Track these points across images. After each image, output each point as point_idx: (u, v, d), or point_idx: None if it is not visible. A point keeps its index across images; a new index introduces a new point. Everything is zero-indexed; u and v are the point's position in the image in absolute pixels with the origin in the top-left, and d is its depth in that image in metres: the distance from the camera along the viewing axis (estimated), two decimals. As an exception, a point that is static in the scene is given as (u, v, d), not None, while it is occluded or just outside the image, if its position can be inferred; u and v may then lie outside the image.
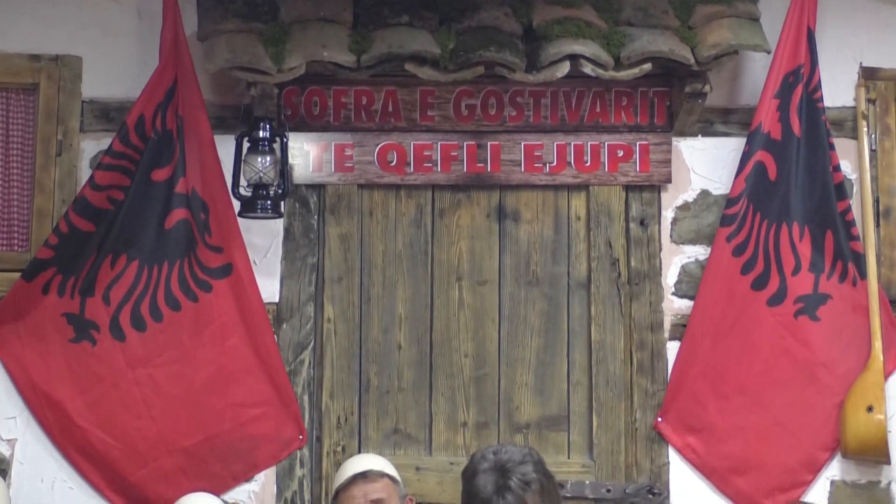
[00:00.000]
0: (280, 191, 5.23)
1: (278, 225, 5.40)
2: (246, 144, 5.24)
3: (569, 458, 5.38)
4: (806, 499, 5.29)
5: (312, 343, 5.37)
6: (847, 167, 5.43)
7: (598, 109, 5.44)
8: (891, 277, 5.41)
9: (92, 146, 5.42)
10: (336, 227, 5.44)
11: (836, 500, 5.34)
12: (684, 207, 5.46)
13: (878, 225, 5.42)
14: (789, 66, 5.35)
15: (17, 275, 5.28)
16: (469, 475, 4.02)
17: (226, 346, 5.31)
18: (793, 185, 5.35)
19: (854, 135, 5.45)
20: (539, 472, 3.97)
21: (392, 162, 5.43)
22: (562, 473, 5.23)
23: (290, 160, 5.32)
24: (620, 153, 5.42)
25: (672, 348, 5.39)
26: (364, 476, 4.90)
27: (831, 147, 5.36)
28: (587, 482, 5.32)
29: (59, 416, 5.28)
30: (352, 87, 5.42)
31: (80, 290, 5.28)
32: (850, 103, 5.47)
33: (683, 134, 5.44)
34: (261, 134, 5.22)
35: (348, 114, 5.43)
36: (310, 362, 5.36)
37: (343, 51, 5.15)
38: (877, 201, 5.43)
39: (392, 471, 4.96)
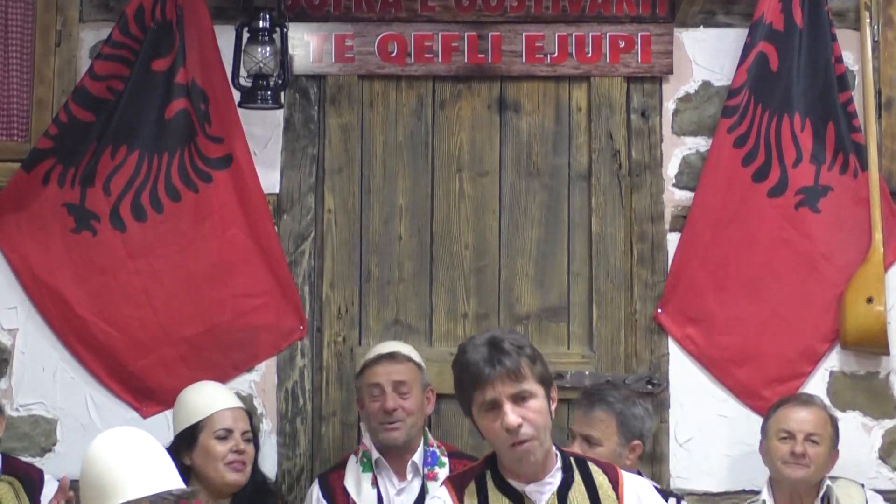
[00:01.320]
0: (280, 81, 5.20)
1: (278, 115, 5.38)
2: (246, 35, 5.19)
3: (568, 349, 5.39)
4: (805, 390, 5.30)
5: (313, 234, 5.37)
6: (849, 58, 5.40)
7: (599, 0, 5.41)
8: (892, 169, 5.40)
9: (91, 36, 5.40)
10: (336, 118, 5.42)
11: (834, 390, 5.36)
12: (685, 99, 5.44)
13: (879, 116, 5.40)
14: (792, -45, 5.33)
15: (17, 165, 5.28)
16: (459, 359, 3.99)
17: (226, 237, 5.31)
18: (794, 77, 5.33)
19: (856, 26, 5.41)
20: (526, 340, 3.98)
21: (392, 52, 5.41)
22: (561, 364, 5.26)
23: (290, 50, 5.28)
24: (622, 44, 5.40)
25: (672, 240, 5.39)
26: (391, 356, 4.97)
27: (833, 38, 5.34)
28: (587, 373, 5.33)
29: (60, 306, 5.29)
30: (352, -24, 5.41)
31: (80, 181, 5.28)
32: (853, -6, 5.45)
33: (685, 24, 5.41)
34: (260, 24, 5.16)
35: (348, 3, 5.41)
36: (310, 253, 5.37)
37: (343, -62, 5.14)
38: (878, 93, 5.41)
39: (419, 359, 5.03)
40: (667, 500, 4.69)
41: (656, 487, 4.62)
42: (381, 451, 4.94)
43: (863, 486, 5.16)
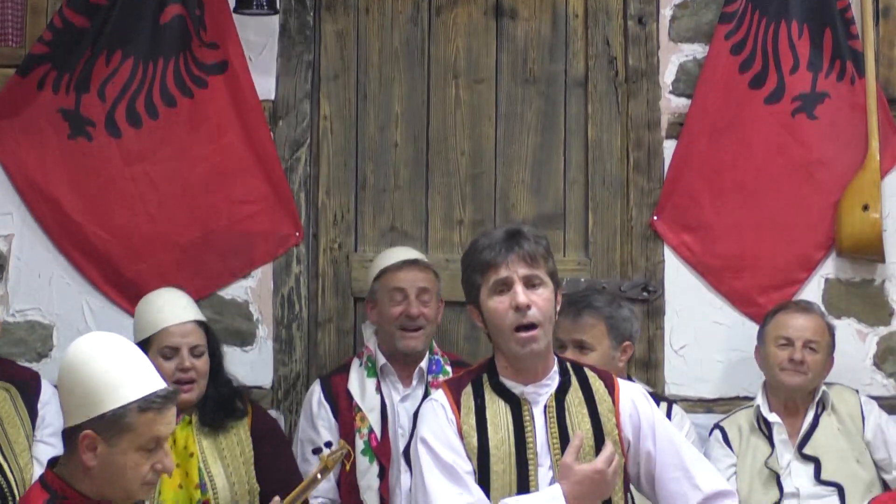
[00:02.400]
0: (275, -14, 5.19)
1: (274, 22, 5.34)
2: (241, -62, 5.18)
3: (564, 255, 5.39)
4: (800, 297, 5.31)
5: (309, 140, 5.36)
6: (846, -36, 5.39)
7: None
8: (889, 76, 5.39)
9: (86, -61, 5.37)
10: (332, 24, 5.40)
11: (829, 297, 5.37)
12: (683, 5, 5.40)
13: (876, 23, 5.37)
14: None
15: (12, 71, 5.25)
16: (473, 245, 3.98)
17: (222, 143, 5.29)
18: (793, -18, 5.32)
19: (854, -69, 5.40)
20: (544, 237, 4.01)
21: (389, -43, 5.40)
22: (558, 271, 5.25)
23: (287, -45, 5.27)
24: (619, -51, 5.39)
25: (669, 147, 5.38)
26: (415, 263, 4.99)
27: (831, -57, 5.32)
28: (582, 279, 5.34)
29: (56, 211, 5.28)
30: None
31: (76, 86, 5.25)
32: None
33: (681, -72, 5.41)
34: (256, -72, 5.16)
35: None
36: (306, 160, 5.35)
37: None
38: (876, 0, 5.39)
39: (436, 269, 5.06)
40: (658, 405, 4.74)
41: (649, 392, 4.66)
42: (389, 357, 4.95)
43: (857, 392, 5.17)
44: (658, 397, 4.98)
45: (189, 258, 5.29)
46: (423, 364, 4.96)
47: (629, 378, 5.00)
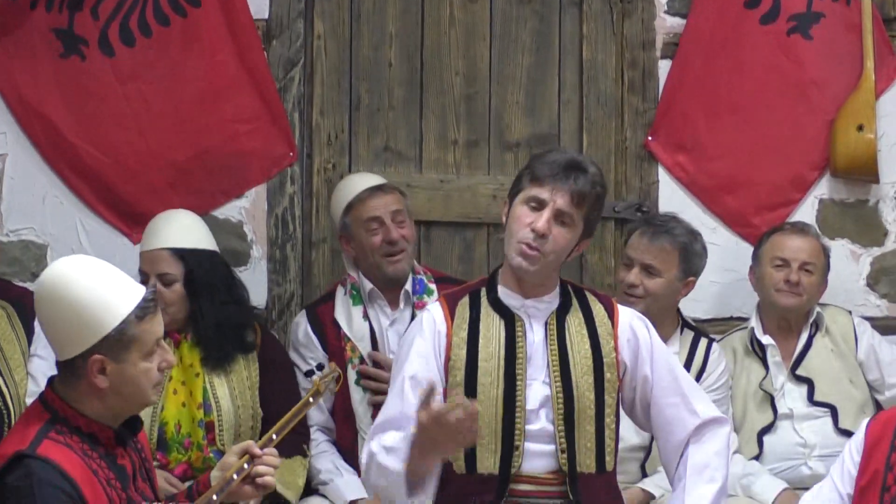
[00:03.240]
0: None
1: (267, -60, 5.34)
2: None
3: (559, 176, 5.37)
4: (794, 218, 5.31)
5: (302, 60, 5.33)
6: None
7: None
8: (884, -4, 5.38)
9: None
10: (326, -58, 5.39)
11: (823, 217, 5.37)
12: (678, -78, 5.40)
13: (873, -58, 5.36)
14: None
15: (4, -11, 5.24)
16: (542, 154, 4.01)
17: (215, 62, 5.26)
18: None
19: None
20: (605, 186, 4.02)
21: None
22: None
23: None
24: None
25: (664, 67, 5.35)
26: (381, 188, 4.95)
27: None
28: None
29: (49, 131, 5.26)
30: None
31: (68, 5, 5.21)
32: None
33: None
34: None
35: None
36: (300, 79, 5.33)
37: None
38: (873, -84, 5.37)
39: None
40: (698, 343, 4.81)
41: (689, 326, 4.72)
42: (377, 282, 4.94)
43: (850, 313, 5.18)
44: (699, 333, 5.00)
45: (183, 178, 5.28)
46: (408, 286, 4.95)
47: (679, 313, 5.02)
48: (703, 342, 4.95)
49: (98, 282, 3.37)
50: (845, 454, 3.88)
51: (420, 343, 3.93)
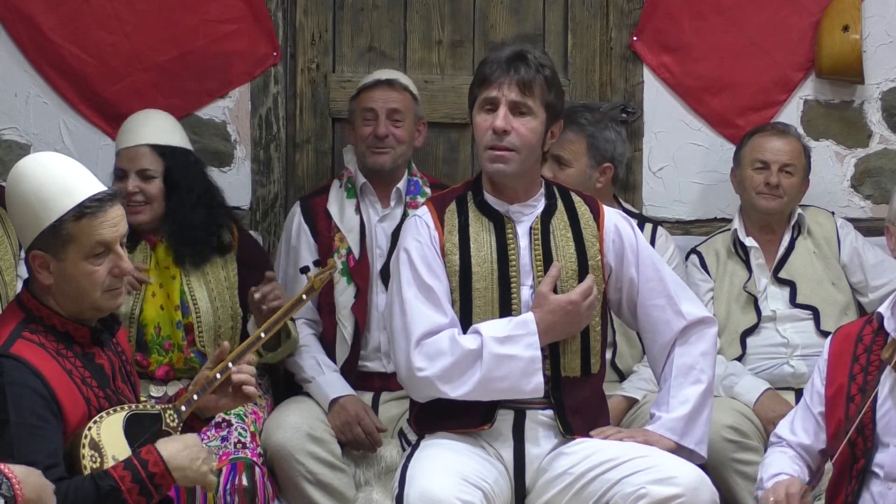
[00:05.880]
0: None
1: None
2: None
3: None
4: (779, 118, 5.30)
5: (286, -42, 5.32)
6: None
7: None
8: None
9: None
10: None
11: (808, 118, 5.36)
12: None
13: None
14: None
15: None
16: (484, 57, 4.06)
17: (198, -40, 5.26)
18: None
19: None
20: (553, 67, 4.01)
21: None
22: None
23: None
24: None
25: (649, -34, 5.34)
26: (389, 83, 4.94)
27: None
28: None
29: (32, 31, 5.23)
30: None
31: None
32: None
33: None
34: None
35: None
36: (283, -21, 5.32)
37: None
38: None
39: (415, 90, 5.01)
40: (643, 228, 4.77)
41: (633, 213, 4.70)
42: (367, 176, 4.94)
43: (833, 214, 5.19)
44: (643, 219, 5.00)
45: (166, 78, 5.27)
46: (402, 185, 4.95)
47: (616, 200, 5.03)
48: (648, 227, 4.96)
49: (47, 179, 3.40)
50: (815, 375, 3.99)
51: (425, 251, 3.98)
